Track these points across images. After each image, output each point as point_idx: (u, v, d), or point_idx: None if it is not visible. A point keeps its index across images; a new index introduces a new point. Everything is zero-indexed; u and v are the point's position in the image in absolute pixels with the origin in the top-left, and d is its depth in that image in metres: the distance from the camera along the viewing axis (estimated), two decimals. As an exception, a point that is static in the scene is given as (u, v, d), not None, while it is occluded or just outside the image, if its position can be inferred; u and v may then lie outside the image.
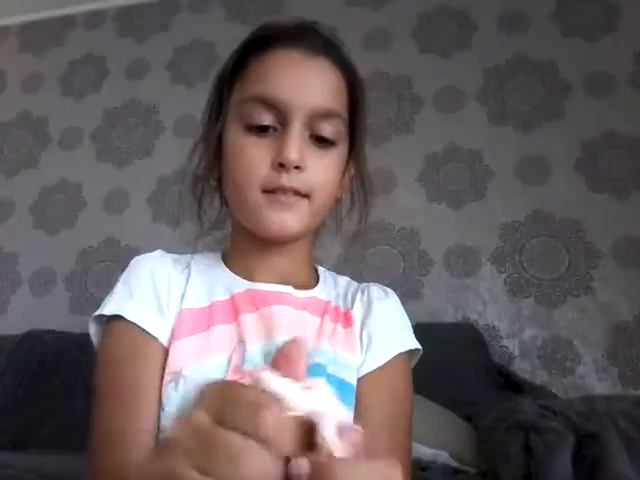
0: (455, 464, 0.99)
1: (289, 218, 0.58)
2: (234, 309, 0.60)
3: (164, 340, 0.56)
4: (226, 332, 0.58)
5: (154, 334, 0.56)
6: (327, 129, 0.59)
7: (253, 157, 0.58)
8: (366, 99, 0.66)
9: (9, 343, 1.64)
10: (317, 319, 0.61)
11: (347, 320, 0.63)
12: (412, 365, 0.65)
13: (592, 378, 1.49)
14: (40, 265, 1.98)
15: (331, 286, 0.68)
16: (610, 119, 1.67)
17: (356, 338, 0.61)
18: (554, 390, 1.45)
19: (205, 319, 0.59)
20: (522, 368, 1.52)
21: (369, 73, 1.87)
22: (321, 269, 0.71)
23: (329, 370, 0.57)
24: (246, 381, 0.29)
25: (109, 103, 2.13)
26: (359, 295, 0.66)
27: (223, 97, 0.63)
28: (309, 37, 0.61)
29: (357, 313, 0.64)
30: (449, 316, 1.61)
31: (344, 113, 0.61)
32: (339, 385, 0.56)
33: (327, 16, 2.21)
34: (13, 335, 1.68)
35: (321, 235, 0.72)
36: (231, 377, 0.54)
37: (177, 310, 0.59)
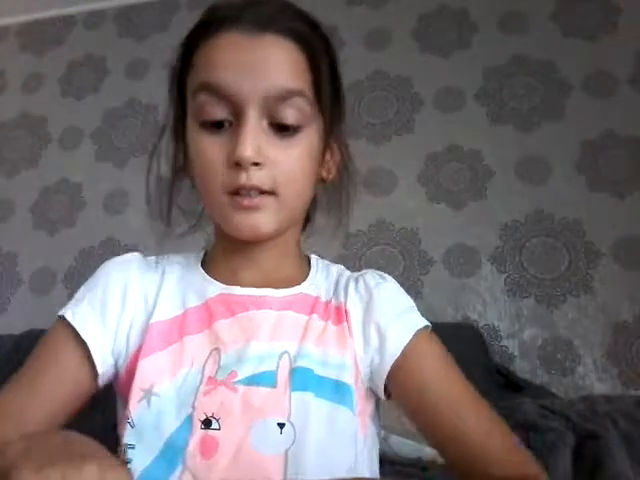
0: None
1: (259, 220, 0.53)
2: (208, 315, 0.57)
3: (97, 355, 0.55)
4: (199, 341, 0.55)
5: (85, 338, 0.55)
6: (287, 113, 0.52)
7: (209, 157, 0.53)
8: (338, 63, 0.59)
9: (9, 343, 1.64)
10: (304, 317, 0.58)
11: (339, 316, 0.58)
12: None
13: (592, 378, 1.49)
14: (40, 265, 1.98)
15: (322, 278, 0.63)
16: (610, 119, 1.67)
17: (353, 335, 0.57)
18: (554, 390, 1.45)
19: (178, 329, 0.56)
20: (522, 368, 1.52)
21: (369, 73, 1.87)
22: (314, 259, 0.66)
23: (318, 372, 0.54)
24: (220, 390, 0.30)
25: (109, 103, 2.13)
26: (353, 285, 0.61)
27: (179, 90, 0.59)
28: (253, 12, 0.53)
29: (354, 306, 0.59)
30: (449, 316, 1.61)
31: (307, 89, 0.53)
32: (334, 387, 0.53)
33: (327, 16, 2.20)
34: (13, 335, 1.68)
35: (317, 222, 0.67)
36: (205, 389, 0.52)
37: (140, 324, 0.57)
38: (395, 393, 0.56)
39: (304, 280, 0.62)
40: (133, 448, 0.50)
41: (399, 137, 1.81)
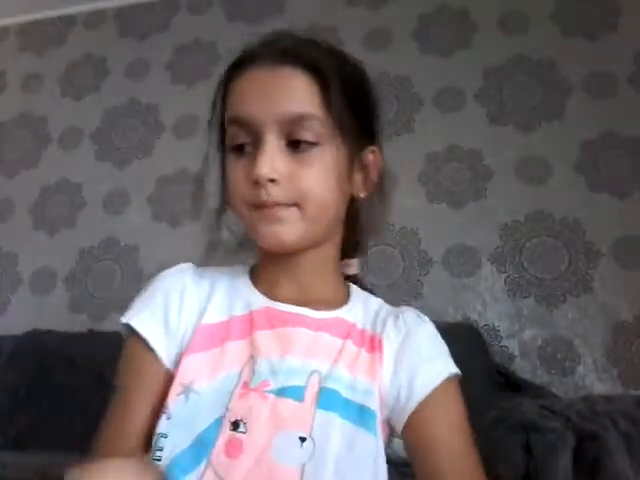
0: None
1: (281, 231, 0.58)
2: (250, 325, 0.61)
3: (163, 355, 0.59)
4: (239, 347, 0.59)
5: (154, 347, 0.59)
6: (301, 132, 0.58)
7: (235, 177, 0.60)
8: (363, 86, 0.65)
9: (9, 343, 1.64)
10: (338, 341, 0.61)
11: (373, 345, 0.61)
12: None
13: (592, 378, 1.49)
14: (40, 265, 1.98)
15: (360, 307, 0.66)
16: (610, 119, 1.67)
17: (383, 365, 0.60)
18: (554, 390, 1.45)
19: (221, 334, 0.60)
20: (522, 368, 1.53)
21: (369, 73, 1.87)
22: (354, 288, 0.70)
23: (345, 395, 0.56)
24: (252, 396, 0.33)
25: (109, 103, 2.13)
26: (392, 320, 0.63)
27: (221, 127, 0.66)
28: (271, 49, 0.61)
29: (389, 338, 0.61)
30: (449, 316, 1.61)
31: (320, 113, 0.58)
32: (358, 411, 0.56)
33: (327, 16, 2.21)
34: (13, 335, 1.68)
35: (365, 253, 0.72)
36: (239, 392, 0.56)
37: (193, 325, 0.61)
38: (404, 431, 0.58)
39: (343, 305, 0.65)
40: (165, 437, 0.54)
41: (399, 137, 1.81)
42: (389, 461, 0.56)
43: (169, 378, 0.58)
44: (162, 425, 0.54)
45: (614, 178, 1.62)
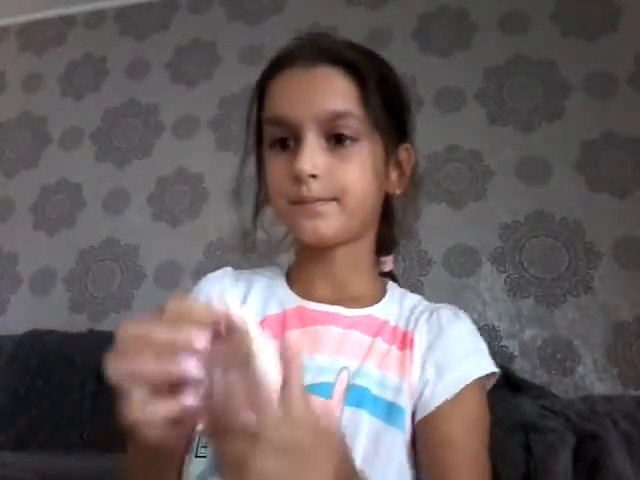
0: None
1: (321, 225, 0.59)
2: (283, 324, 0.63)
3: None
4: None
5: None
6: (339, 129, 0.59)
7: (276, 173, 0.61)
8: (397, 85, 0.68)
9: (9, 343, 1.64)
10: (368, 339, 0.61)
11: (404, 342, 0.61)
12: (488, 387, 0.63)
13: (592, 378, 1.49)
14: (40, 265, 1.98)
15: (396, 304, 0.66)
16: (610, 119, 1.67)
17: (413, 362, 0.60)
18: (554, 390, 1.45)
19: None
20: (522, 368, 1.52)
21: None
22: (391, 285, 0.70)
23: (374, 392, 0.57)
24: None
25: (109, 103, 2.13)
26: (425, 317, 0.64)
27: (258, 127, 0.67)
28: (306, 50, 0.62)
29: (421, 337, 0.62)
30: (449, 316, 1.60)
31: (356, 110, 0.60)
32: (387, 408, 0.56)
33: (327, 16, 2.21)
34: (13, 335, 1.68)
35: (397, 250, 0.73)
36: None
37: None
38: (420, 422, 0.58)
39: (377, 302, 0.66)
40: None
41: (399, 137, 1.81)
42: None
43: None
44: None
45: (614, 178, 1.62)
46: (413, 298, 0.69)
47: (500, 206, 1.68)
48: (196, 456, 0.55)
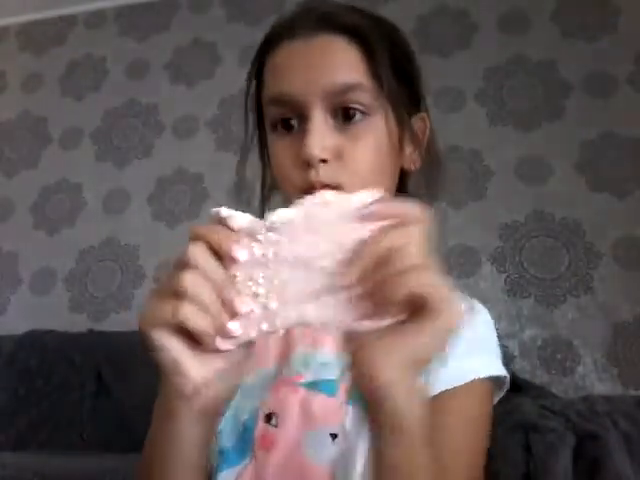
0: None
1: None
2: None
3: None
4: (279, 343, 0.60)
5: None
6: (348, 105, 0.53)
7: (282, 158, 0.55)
8: (406, 49, 0.61)
9: (9, 343, 1.64)
10: None
11: None
12: (498, 397, 0.60)
13: (592, 378, 1.49)
14: (40, 265, 1.98)
15: None
16: (610, 119, 1.67)
17: None
18: (554, 390, 1.45)
19: None
20: (522, 368, 1.52)
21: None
22: None
23: None
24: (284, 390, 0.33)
25: (109, 103, 2.13)
26: None
27: (258, 106, 0.62)
28: (304, 19, 0.56)
29: None
30: (449, 316, 1.60)
31: (365, 81, 0.53)
32: None
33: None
34: (13, 335, 1.68)
35: None
36: (274, 385, 0.56)
37: None
38: None
39: None
40: (220, 434, 0.55)
41: (399, 137, 1.81)
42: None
43: None
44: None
45: (614, 178, 1.62)
46: None
47: (500, 206, 1.68)
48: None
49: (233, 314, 0.36)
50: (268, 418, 0.54)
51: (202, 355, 0.36)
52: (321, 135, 0.51)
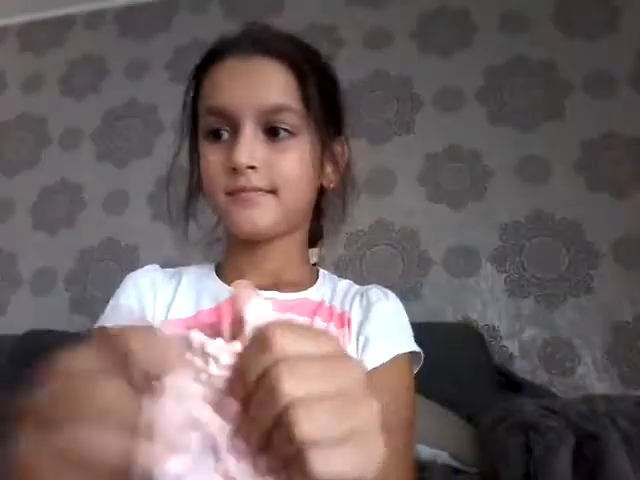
0: (455, 464, 0.99)
1: (256, 215, 0.59)
2: (217, 317, 0.61)
3: None
4: None
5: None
6: (278, 123, 0.59)
7: (211, 162, 0.60)
8: (335, 87, 0.67)
9: (9, 343, 1.64)
10: (306, 320, 0.61)
11: (342, 321, 0.62)
12: (415, 370, 0.63)
13: (592, 378, 1.49)
14: (40, 265, 1.98)
15: (329, 287, 0.67)
16: (610, 119, 1.67)
17: (352, 340, 0.60)
18: (554, 390, 1.45)
19: (187, 329, 0.59)
20: (522, 368, 1.52)
21: (369, 73, 1.87)
22: (322, 272, 0.71)
23: None
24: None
25: (109, 103, 2.13)
26: (358, 299, 0.65)
27: (194, 116, 0.66)
28: (245, 41, 0.62)
29: (355, 317, 0.62)
30: (449, 316, 1.61)
31: (295, 104, 0.60)
32: None
33: (327, 16, 2.21)
34: (13, 335, 1.68)
35: (327, 234, 0.73)
36: None
37: (161, 321, 0.61)
38: None
39: (311, 287, 0.66)
40: None
41: (399, 137, 1.81)
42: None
43: None
44: None
45: (614, 178, 1.62)
46: (344, 282, 0.70)
47: (500, 206, 1.68)
48: None
49: None
50: None
51: None
52: (250, 146, 0.57)
